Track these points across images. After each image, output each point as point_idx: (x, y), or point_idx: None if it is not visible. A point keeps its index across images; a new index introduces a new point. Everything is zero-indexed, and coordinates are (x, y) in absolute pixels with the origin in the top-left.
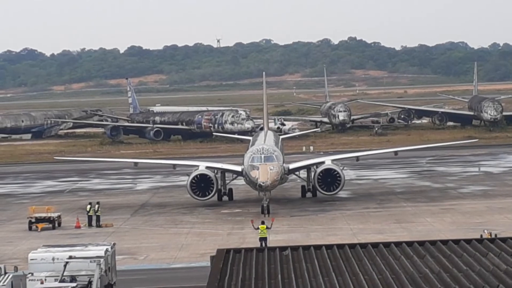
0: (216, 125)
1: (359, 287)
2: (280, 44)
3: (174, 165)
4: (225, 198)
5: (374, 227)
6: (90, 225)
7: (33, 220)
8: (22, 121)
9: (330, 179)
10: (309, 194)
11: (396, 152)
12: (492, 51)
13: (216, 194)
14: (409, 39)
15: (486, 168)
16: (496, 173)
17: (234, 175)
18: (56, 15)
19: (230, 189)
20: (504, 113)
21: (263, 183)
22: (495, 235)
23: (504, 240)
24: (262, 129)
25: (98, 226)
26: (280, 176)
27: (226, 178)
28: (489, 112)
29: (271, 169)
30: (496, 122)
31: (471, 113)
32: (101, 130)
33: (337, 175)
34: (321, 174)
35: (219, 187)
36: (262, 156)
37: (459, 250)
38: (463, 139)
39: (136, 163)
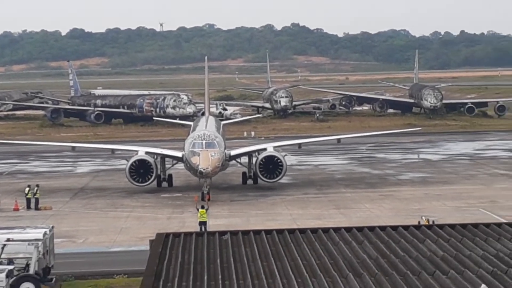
0: (157, 109)
1: (297, 272)
2: (223, 29)
3: (113, 150)
4: (165, 184)
5: (313, 213)
6: (28, 207)
7: None
8: None
9: (271, 166)
10: (250, 181)
11: (339, 140)
12: (433, 39)
13: (156, 180)
14: (352, 26)
15: (425, 155)
16: (435, 160)
17: (174, 161)
18: None
19: (170, 175)
20: (444, 101)
21: (204, 169)
22: (433, 221)
23: (441, 226)
24: (203, 114)
25: (37, 208)
26: (221, 162)
27: (166, 164)
28: (429, 100)
29: (212, 156)
30: (436, 110)
31: (412, 100)
32: (41, 112)
33: (279, 162)
34: (262, 161)
35: (159, 172)
36: (203, 142)
37: (397, 236)
38: (403, 126)
39: (73, 147)
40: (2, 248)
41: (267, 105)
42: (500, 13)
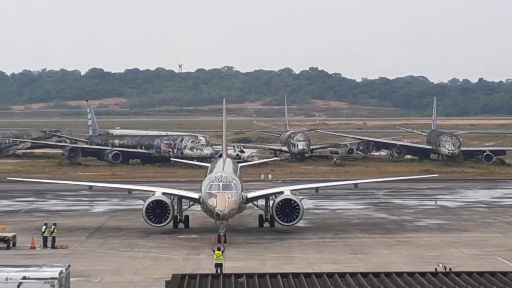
0: (175, 150)
1: None
2: (242, 72)
3: (130, 190)
4: (181, 225)
5: (329, 257)
6: (45, 246)
7: None
8: None
9: (288, 209)
10: (266, 224)
11: (356, 184)
12: (451, 86)
13: (172, 221)
14: (370, 71)
15: (442, 202)
16: (452, 207)
17: (191, 202)
18: (17, 34)
19: (187, 216)
20: (462, 148)
21: (220, 211)
22: (450, 269)
23: (458, 274)
24: (221, 156)
25: (53, 247)
26: (238, 205)
27: (183, 205)
28: (447, 147)
29: (229, 198)
30: (454, 157)
31: (429, 147)
32: (59, 151)
33: (296, 205)
34: (279, 204)
35: (175, 213)
36: (220, 184)
37: (413, 282)
38: (420, 172)
39: (91, 186)
40: (18, 286)
41: (285, 148)
42: None
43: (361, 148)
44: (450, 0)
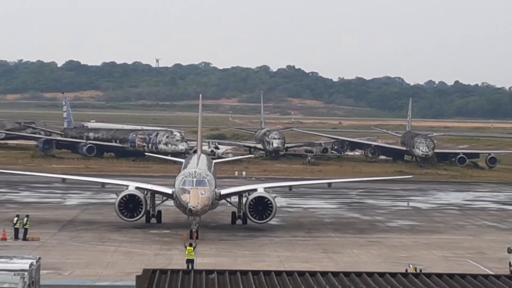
0: (150, 145)
1: None
2: (219, 68)
3: (103, 184)
4: (154, 220)
5: (301, 256)
6: (16, 237)
7: None
8: None
9: (261, 207)
10: (239, 221)
11: (329, 184)
12: (427, 88)
13: (145, 216)
14: (347, 71)
15: (415, 203)
16: (425, 209)
17: (164, 198)
18: None
19: (159, 211)
20: (436, 150)
21: (193, 207)
22: (420, 270)
23: (428, 275)
24: (195, 151)
25: (25, 239)
26: (211, 201)
27: (156, 200)
28: (421, 148)
29: (202, 194)
30: (427, 159)
31: (404, 148)
32: (34, 143)
33: (269, 203)
34: (252, 202)
35: (148, 208)
36: (194, 179)
37: (384, 283)
38: (394, 173)
39: (64, 179)
40: None
41: (260, 145)
42: (495, 65)
43: (335, 147)
44: (429, 1)
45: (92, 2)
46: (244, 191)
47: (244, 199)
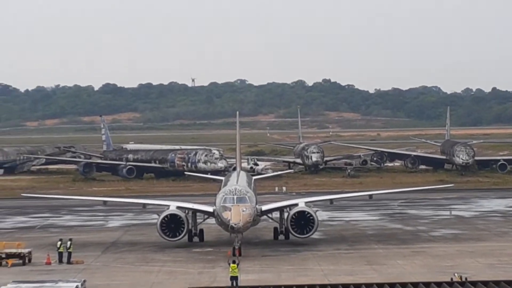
0: (189, 164)
1: None
2: (255, 85)
3: (144, 205)
4: (196, 239)
5: (345, 269)
6: (60, 261)
7: (3, 255)
8: None
9: (303, 221)
10: (281, 237)
11: (370, 195)
12: (464, 96)
13: (187, 235)
14: (383, 82)
15: (457, 212)
16: (467, 217)
17: (206, 216)
18: (31, 50)
19: (201, 230)
20: (476, 158)
21: (235, 224)
22: (465, 278)
23: (474, 283)
24: (235, 169)
25: (69, 262)
26: (252, 217)
27: (198, 219)
28: (461, 157)
29: (243, 211)
30: (468, 167)
31: (443, 157)
32: (74, 167)
33: (311, 217)
34: (294, 217)
35: (190, 227)
36: (235, 197)
37: None
38: (435, 182)
39: (105, 202)
40: None
41: (299, 160)
42: None
43: (375, 159)
44: (462, 9)
45: (125, 23)
46: (285, 206)
47: (286, 214)
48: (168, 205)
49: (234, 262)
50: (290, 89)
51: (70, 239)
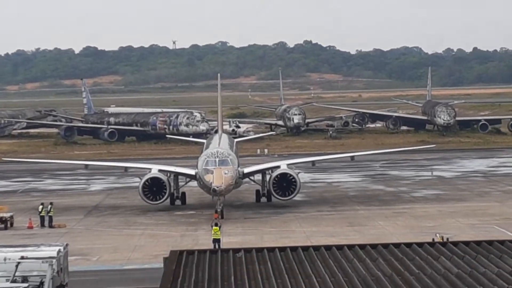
0: (170, 127)
1: None
2: (236, 47)
3: (126, 168)
4: (178, 202)
5: (327, 230)
6: (42, 225)
7: None
8: None
9: (285, 183)
10: (263, 199)
11: (352, 157)
12: (446, 56)
13: (169, 198)
14: (364, 43)
15: (438, 172)
16: (449, 177)
17: (188, 179)
18: (11, 14)
19: (183, 193)
20: (457, 118)
21: (217, 187)
22: (447, 239)
23: (455, 244)
24: (217, 131)
25: (51, 226)
26: (234, 180)
27: (180, 181)
28: (442, 117)
29: (225, 173)
30: (449, 127)
31: (425, 117)
32: (55, 130)
33: (293, 179)
34: (276, 179)
35: (172, 190)
36: (217, 159)
37: (411, 253)
38: (416, 143)
39: (87, 165)
40: (17, 266)
41: (280, 122)
42: None
43: (356, 120)
44: None
45: None
46: (267, 169)
47: (268, 177)
48: (150, 169)
49: (216, 224)
50: (271, 51)
51: (51, 203)
